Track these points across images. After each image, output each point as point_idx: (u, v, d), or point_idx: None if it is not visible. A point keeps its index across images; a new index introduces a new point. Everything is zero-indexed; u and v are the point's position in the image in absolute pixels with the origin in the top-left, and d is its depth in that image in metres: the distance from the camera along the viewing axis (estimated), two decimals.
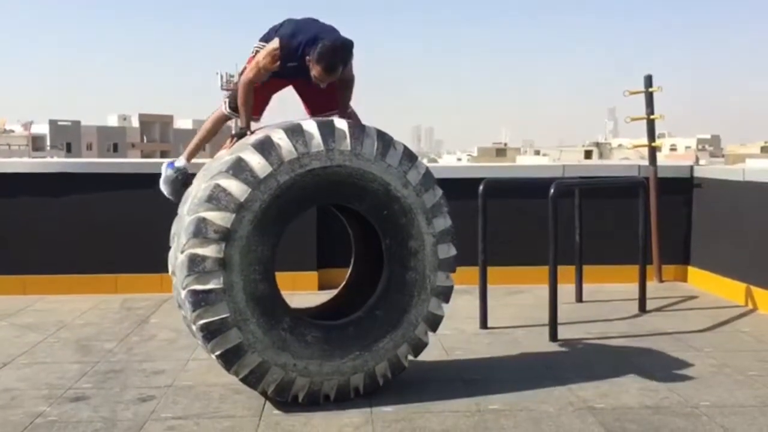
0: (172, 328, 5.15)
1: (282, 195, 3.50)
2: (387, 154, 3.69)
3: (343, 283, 4.41)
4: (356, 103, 4.19)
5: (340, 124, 3.68)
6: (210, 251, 3.40)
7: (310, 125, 3.61)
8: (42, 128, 66.48)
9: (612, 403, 3.72)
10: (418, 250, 3.77)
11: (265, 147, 3.51)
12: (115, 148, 70.42)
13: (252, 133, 3.85)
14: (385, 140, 3.72)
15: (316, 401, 3.64)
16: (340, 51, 3.81)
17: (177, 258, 3.55)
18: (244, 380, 3.58)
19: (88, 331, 5.16)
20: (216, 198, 3.43)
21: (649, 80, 6.85)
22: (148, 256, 6.11)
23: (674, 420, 3.49)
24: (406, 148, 3.81)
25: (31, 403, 3.73)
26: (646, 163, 7.04)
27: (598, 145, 78.63)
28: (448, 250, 3.86)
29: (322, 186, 3.60)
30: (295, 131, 3.57)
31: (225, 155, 3.71)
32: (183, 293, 3.48)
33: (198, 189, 3.60)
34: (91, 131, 69.38)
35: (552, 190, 4.82)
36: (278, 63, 3.90)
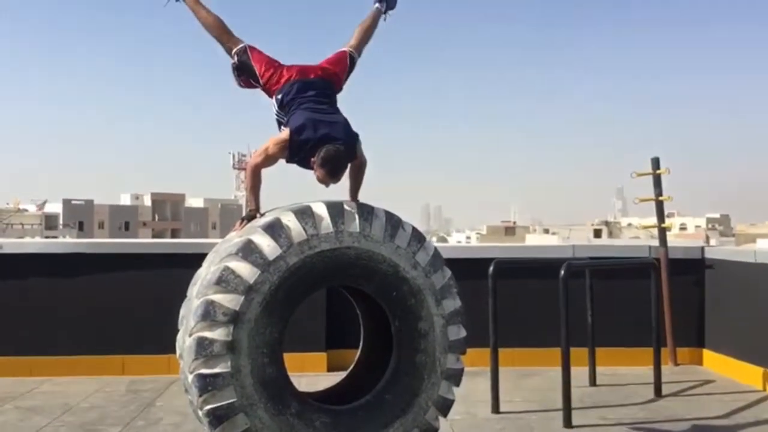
0: (178, 411, 5.06)
1: (291, 277, 3.50)
2: (396, 235, 3.71)
3: (352, 365, 4.35)
4: (367, 181, 4.17)
5: (350, 206, 3.72)
6: (218, 334, 3.37)
7: (320, 207, 3.64)
8: (56, 207, 67.33)
9: None
10: (427, 332, 3.73)
11: (275, 229, 3.53)
12: (127, 226, 71.03)
13: (261, 215, 3.86)
14: (393, 221, 3.74)
15: None
16: (344, 157, 3.79)
17: (185, 341, 3.52)
18: None
19: (93, 414, 5.08)
20: (225, 280, 3.42)
21: (656, 162, 6.92)
22: (155, 338, 6.07)
23: None
24: (414, 229, 3.82)
25: None
26: (656, 241, 7.03)
27: (607, 224, 78.66)
28: (458, 332, 3.82)
29: (331, 267, 3.59)
30: (304, 213, 3.60)
31: (234, 237, 3.72)
32: (190, 377, 3.43)
33: (207, 271, 3.60)
34: (103, 210, 70.20)
35: (563, 271, 4.81)
36: (287, 153, 3.87)
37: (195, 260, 4.11)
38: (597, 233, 69.32)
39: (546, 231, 76.89)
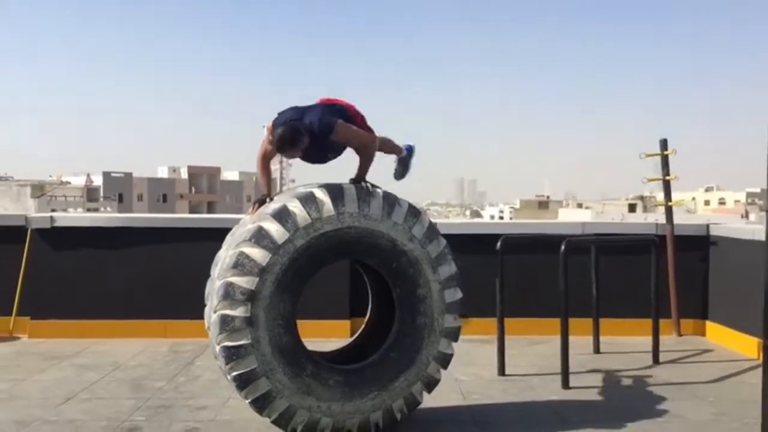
0: (214, 369, 5.63)
1: (299, 257, 3.95)
2: (393, 212, 4.13)
3: (362, 327, 4.86)
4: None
5: (349, 189, 4.12)
6: (238, 311, 3.86)
7: (321, 192, 4.06)
8: (96, 179, 68.94)
9: None
10: (426, 297, 4.19)
11: (282, 215, 3.98)
12: (165, 198, 72.51)
13: (271, 199, 4.31)
14: (390, 200, 4.16)
15: None
16: (286, 135, 4.06)
17: (211, 317, 4.04)
18: (275, 422, 4.03)
19: (141, 371, 5.69)
20: (241, 264, 3.90)
21: (664, 143, 7.25)
22: (193, 304, 6.63)
23: None
24: (410, 204, 4.24)
25: None
26: (691, 215, 7.37)
27: (642, 198, 77.77)
28: (454, 294, 4.28)
29: (335, 246, 4.03)
30: (308, 199, 4.02)
31: (248, 222, 4.18)
32: (217, 348, 3.96)
33: (226, 254, 4.10)
34: (142, 182, 71.68)
35: (563, 247, 5.24)
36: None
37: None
38: (632, 208, 68.73)
39: (579, 205, 76.41)
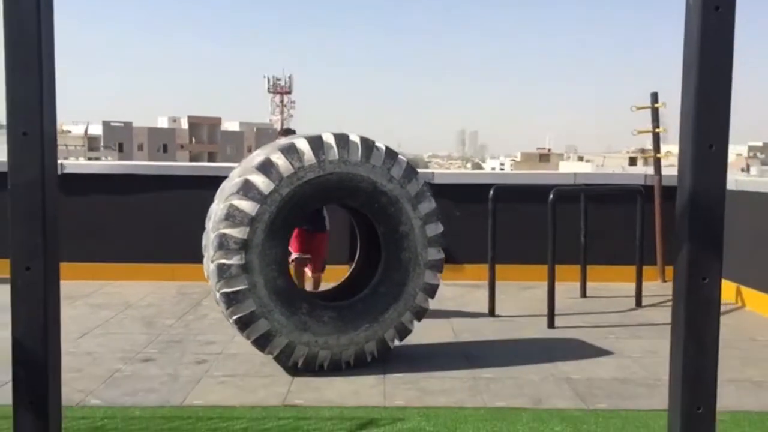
0: (221, 310, 5.97)
1: (285, 205, 4.20)
2: (371, 156, 4.35)
3: (352, 267, 5.16)
4: (401, 107, 4.84)
5: (328, 138, 4.33)
6: (234, 260, 4.14)
7: (302, 143, 4.29)
8: (96, 129, 68.77)
9: (587, 374, 4.41)
10: (408, 233, 4.46)
11: (267, 167, 4.22)
12: (165, 148, 72.35)
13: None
14: (368, 145, 4.38)
15: (338, 368, 4.40)
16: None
17: (209, 267, 4.33)
18: (276, 359, 4.36)
19: (151, 310, 6.04)
20: (232, 216, 4.16)
21: (654, 97, 7.47)
22: (199, 249, 6.94)
23: (636, 389, 4.18)
24: (387, 147, 4.48)
25: (109, 362, 4.59)
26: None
27: (643, 151, 77.40)
28: (435, 229, 4.55)
29: (319, 192, 4.29)
30: (289, 150, 4.25)
31: (235, 177, 4.42)
32: (217, 295, 4.27)
33: (217, 209, 4.36)
34: (142, 132, 71.41)
35: (551, 196, 5.51)
36: None
37: None
38: (632, 161, 68.59)
39: (580, 159, 76.35)
